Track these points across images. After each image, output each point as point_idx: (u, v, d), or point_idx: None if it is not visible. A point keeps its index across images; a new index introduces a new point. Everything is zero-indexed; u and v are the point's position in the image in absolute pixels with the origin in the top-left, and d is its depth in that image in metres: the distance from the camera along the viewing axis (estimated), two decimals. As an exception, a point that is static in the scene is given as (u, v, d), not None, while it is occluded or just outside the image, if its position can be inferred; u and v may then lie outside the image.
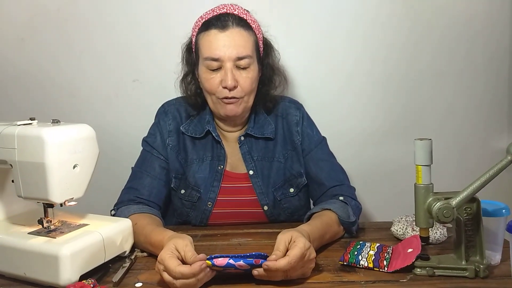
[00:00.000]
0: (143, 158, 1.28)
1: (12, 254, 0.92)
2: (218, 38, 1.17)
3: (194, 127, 1.28)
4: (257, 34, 1.24)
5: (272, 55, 1.30)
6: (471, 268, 0.90)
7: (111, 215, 1.19)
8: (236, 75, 1.17)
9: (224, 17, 1.19)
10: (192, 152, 1.27)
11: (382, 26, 1.57)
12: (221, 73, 1.18)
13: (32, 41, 1.57)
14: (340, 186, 1.25)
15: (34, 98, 1.60)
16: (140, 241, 1.06)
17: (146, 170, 1.25)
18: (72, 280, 0.87)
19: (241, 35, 1.18)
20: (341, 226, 1.13)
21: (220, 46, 1.16)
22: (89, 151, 0.97)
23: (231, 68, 1.17)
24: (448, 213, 0.87)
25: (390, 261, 0.97)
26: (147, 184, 1.24)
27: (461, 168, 1.63)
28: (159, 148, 1.27)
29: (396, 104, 1.61)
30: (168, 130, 1.28)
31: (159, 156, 1.27)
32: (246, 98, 1.21)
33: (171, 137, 1.28)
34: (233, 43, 1.17)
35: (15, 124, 0.94)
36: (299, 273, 0.90)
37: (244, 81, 1.18)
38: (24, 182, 0.92)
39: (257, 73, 1.23)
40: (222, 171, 1.25)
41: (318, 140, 1.31)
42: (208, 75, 1.19)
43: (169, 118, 1.29)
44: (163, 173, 1.26)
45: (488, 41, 1.58)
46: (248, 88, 1.20)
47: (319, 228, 1.05)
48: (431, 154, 0.91)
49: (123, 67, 1.58)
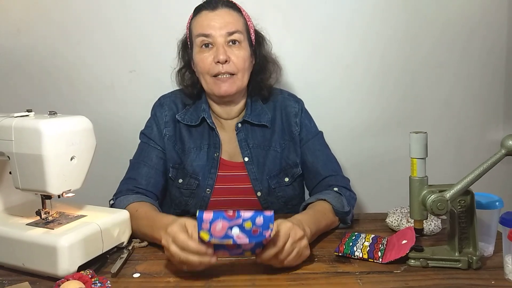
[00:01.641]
0: (140, 150, 1.30)
1: (11, 245, 0.92)
2: (208, 17, 1.22)
3: (190, 115, 1.30)
4: (247, 20, 1.27)
5: (265, 45, 1.33)
6: (464, 260, 0.91)
7: (110, 205, 1.20)
8: (228, 51, 1.21)
9: (214, 0, 1.24)
10: (189, 141, 1.29)
11: (380, 20, 1.57)
12: (213, 51, 1.21)
13: (29, 33, 1.57)
14: (335, 176, 1.26)
15: (31, 89, 1.60)
16: (143, 225, 1.06)
17: (143, 161, 1.27)
18: (70, 271, 0.88)
19: (230, 14, 1.23)
20: (336, 216, 1.15)
21: (211, 24, 1.21)
22: (86, 143, 0.98)
23: (223, 43, 1.20)
24: (442, 205, 0.88)
25: (384, 252, 0.98)
26: (145, 173, 1.25)
27: (457, 160, 1.64)
28: (156, 138, 1.29)
29: (393, 97, 1.62)
30: (164, 121, 1.30)
31: (156, 147, 1.28)
32: (240, 76, 1.23)
33: (168, 128, 1.29)
34: (223, 20, 1.21)
35: (12, 116, 0.94)
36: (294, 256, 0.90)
37: (236, 57, 1.21)
38: (22, 173, 0.92)
39: (249, 54, 1.25)
40: (218, 158, 1.27)
41: (315, 132, 1.33)
42: (201, 54, 1.22)
43: (165, 110, 1.31)
44: (160, 163, 1.28)
45: (485, 36, 1.58)
46: (240, 64, 1.22)
47: (312, 216, 1.06)
48: (426, 147, 0.92)
49: (120, 58, 1.58)
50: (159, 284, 0.88)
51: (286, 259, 0.90)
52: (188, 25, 1.28)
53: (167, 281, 0.89)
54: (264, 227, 0.85)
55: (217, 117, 1.32)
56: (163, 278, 0.90)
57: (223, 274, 0.91)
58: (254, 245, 0.87)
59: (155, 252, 1.03)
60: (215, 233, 0.85)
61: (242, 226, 0.85)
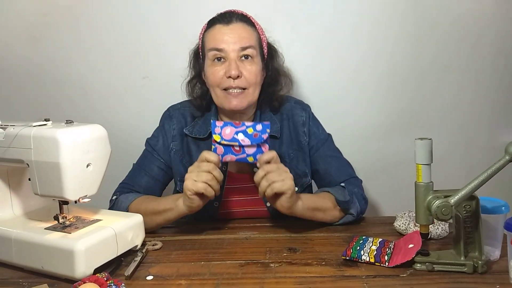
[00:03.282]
0: (144, 157, 1.34)
1: (30, 249, 0.97)
2: (222, 31, 1.22)
3: (199, 128, 1.31)
4: (260, 34, 1.27)
5: (277, 58, 1.33)
6: (469, 264, 0.92)
7: (112, 199, 1.25)
8: (240, 66, 1.21)
9: (228, 14, 1.24)
10: (196, 155, 1.29)
11: (387, 22, 1.57)
12: (225, 65, 1.21)
13: (44, 39, 1.61)
14: (349, 180, 1.28)
15: (46, 94, 1.64)
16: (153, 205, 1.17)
17: (144, 169, 1.31)
18: (87, 273, 0.91)
19: (244, 29, 1.23)
20: (337, 206, 1.19)
21: (224, 38, 1.21)
22: (101, 150, 1.01)
23: (235, 59, 1.21)
24: (447, 211, 0.90)
25: (391, 256, 0.99)
26: (144, 183, 1.29)
27: (465, 163, 1.64)
28: (160, 151, 1.32)
29: (400, 99, 1.62)
30: (172, 134, 1.31)
31: (159, 158, 1.31)
32: (251, 91, 1.23)
33: (175, 142, 1.31)
34: (237, 35, 1.21)
35: (31, 125, 0.98)
36: (279, 180, 1.05)
37: (248, 72, 1.21)
38: (40, 180, 0.96)
39: (261, 68, 1.25)
40: (226, 172, 1.28)
41: (324, 138, 1.34)
42: (213, 68, 1.22)
43: (173, 123, 1.32)
44: (161, 174, 1.31)
45: (494, 37, 1.57)
46: (252, 79, 1.22)
47: (308, 196, 1.19)
48: (431, 153, 0.93)
49: (133, 64, 1.61)
50: (171, 286, 0.91)
51: (272, 180, 1.05)
52: (201, 36, 1.28)
53: (178, 284, 0.92)
54: (263, 132, 1.10)
55: None
56: (175, 281, 0.93)
57: (232, 277, 0.94)
58: (255, 150, 1.11)
59: (167, 255, 1.07)
60: (225, 136, 1.09)
61: (245, 132, 1.10)
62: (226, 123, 1.10)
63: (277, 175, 1.06)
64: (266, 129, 1.10)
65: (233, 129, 1.10)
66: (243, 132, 1.10)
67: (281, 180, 1.06)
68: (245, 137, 1.09)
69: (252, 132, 1.09)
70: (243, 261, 1.01)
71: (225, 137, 1.09)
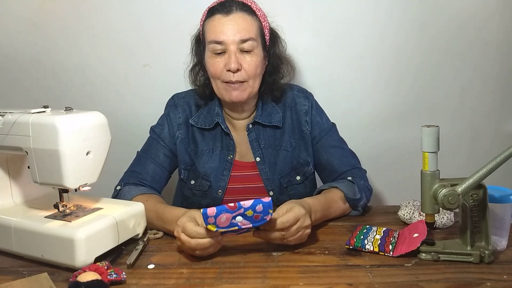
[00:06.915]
0: (149, 145, 1.32)
1: (30, 237, 0.96)
2: (222, 22, 1.18)
3: (204, 119, 1.29)
4: (262, 21, 1.24)
5: (279, 44, 1.30)
6: (476, 254, 0.91)
7: (115, 189, 1.23)
8: (240, 58, 1.18)
9: (228, 3, 1.21)
10: (202, 144, 1.29)
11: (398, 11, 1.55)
12: (225, 57, 1.19)
13: (44, 26, 1.59)
14: (351, 170, 1.27)
15: (46, 83, 1.63)
16: (152, 217, 1.11)
17: (150, 157, 1.29)
18: (87, 262, 0.91)
19: (245, 19, 1.19)
20: (347, 203, 1.17)
21: (224, 30, 1.18)
22: (101, 138, 1.00)
23: (235, 51, 1.18)
24: (454, 199, 0.88)
25: (395, 245, 0.98)
26: (151, 170, 1.28)
27: (474, 151, 1.63)
28: (165, 139, 1.30)
29: (407, 88, 1.60)
30: (178, 123, 1.30)
31: (165, 146, 1.30)
32: (251, 83, 1.21)
33: (181, 130, 1.30)
34: (236, 26, 1.18)
35: (29, 112, 0.97)
36: (296, 238, 0.97)
37: (248, 65, 1.19)
38: (40, 168, 0.95)
39: (261, 58, 1.23)
40: (232, 161, 1.28)
41: (328, 128, 1.32)
42: (213, 59, 1.20)
43: (178, 111, 1.31)
44: (167, 161, 1.30)
45: (504, 25, 1.54)
46: (252, 72, 1.20)
47: (322, 202, 1.12)
48: (438, 141, 0.91)
49: (134, 51, 1.59)
50: (172, 275, 0.90)
51: (288, 239, 0.97)
52: (201, 24, 1.25)
53: (180, 272, 0.91)
54: (264, 213, 0.94)
55: (228, 117, 1.32)
56: (177, 270, 0.92)
57: (235, 266, 0.93)
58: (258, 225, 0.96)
59: (169, 243, 1.06)
60: (221, 224, 0.93)
61: (244, 215, 0.94)
62: (220, 210, 0.92)
63: (297, 240, 0.99)
64: (268, 209, 0.93)
65: (229, 215, 0.93)
66: (241, 215, 0.94)
67: (299, 240, 0.99)
68: (245, 219, 0.94)
69: (252, 214, 0.94)
70: (246, 249, 1.00)
71: (221, 225, 0.93)
